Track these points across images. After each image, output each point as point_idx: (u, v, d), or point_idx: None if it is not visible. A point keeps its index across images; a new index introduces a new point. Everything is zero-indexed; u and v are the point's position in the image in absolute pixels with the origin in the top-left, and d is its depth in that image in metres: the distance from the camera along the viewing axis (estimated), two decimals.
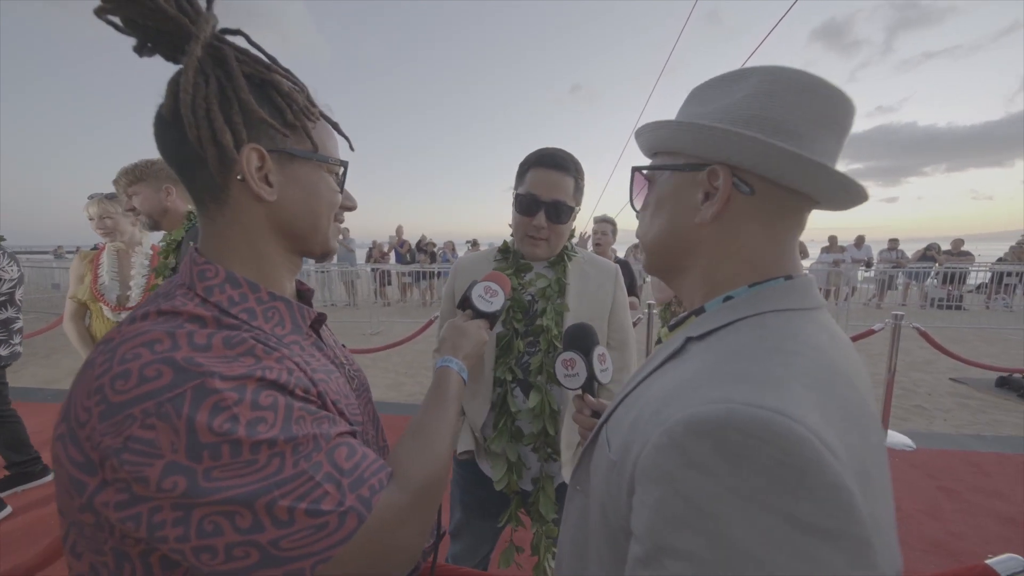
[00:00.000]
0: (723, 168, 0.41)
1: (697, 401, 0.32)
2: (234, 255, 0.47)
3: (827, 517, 0.26)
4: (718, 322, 0.41)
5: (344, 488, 0.39)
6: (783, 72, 0.40)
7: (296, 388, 0.42)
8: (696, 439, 0.30)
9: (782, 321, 0.38)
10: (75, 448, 0.35)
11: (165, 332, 0.38)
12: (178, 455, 0.34)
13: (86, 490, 0.34)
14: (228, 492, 0.34)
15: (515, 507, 1.04)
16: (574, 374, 0.68)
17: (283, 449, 0.37)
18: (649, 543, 0.31)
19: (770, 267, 0.42)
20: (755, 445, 0.28)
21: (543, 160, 0.97)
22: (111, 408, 0.34)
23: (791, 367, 0.33)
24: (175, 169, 0.47)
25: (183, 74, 0.40)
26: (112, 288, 1.80)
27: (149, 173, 1.52)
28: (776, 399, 0.30)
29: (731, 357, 0.36)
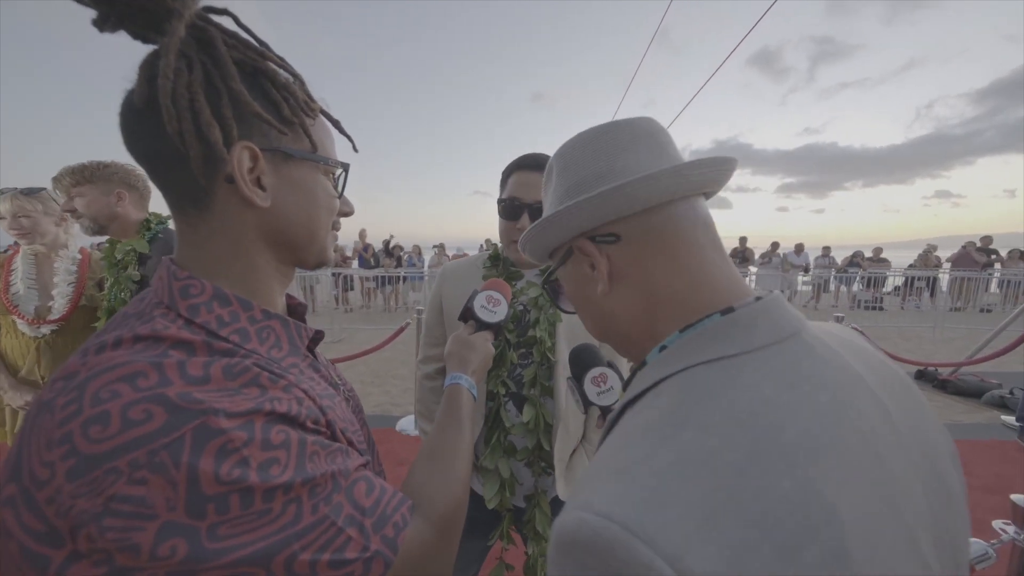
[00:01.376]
0: (581, 239, 0.41)
1: (570, 506, 0.28)
2: (220, 268, 0.41)
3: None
4: (646, 383, 0.36)
5: (367, 530, 0.35)
6: (564, 147, 0.44)
7: (307, 420, 0.37)
8: (554, 548, 0.27)
9: (707, 377, 0.31)
10: (31, 515, 0.28)
11: (149, 363, 0.32)
12: (176, 513, 0.28)
13: (49, 567, 0.27)
14: (240, 552, 0.29)
15: (507, 524, 1.00)
16: (608, 388, 0.65)
17: (299, 493, 0.32)
18: None
19: (698, 301, 0.36)
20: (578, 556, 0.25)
21: (523, 163, 0.96)
22: (85, 462, 0.28)
23: (684, 451, 0.26)
24: (146, 167, 0.40)
25: (163, 57, 0.34)
26: (29, 298, 1.56)
27: (100, 175, 1.37)
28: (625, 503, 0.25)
29: (628, 439, 0.30)
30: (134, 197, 1.42)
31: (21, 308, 1.54)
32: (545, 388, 0.97)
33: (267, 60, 0.41)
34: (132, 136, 0.39)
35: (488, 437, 0.96)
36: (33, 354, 1.56)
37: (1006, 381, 3.80)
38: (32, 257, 1.60)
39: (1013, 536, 0.86)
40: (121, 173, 1.40)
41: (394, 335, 3.47)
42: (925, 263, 9.20)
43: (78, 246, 1.67)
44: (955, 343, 5.89)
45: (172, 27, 0.34)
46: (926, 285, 8.85)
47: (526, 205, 0.94)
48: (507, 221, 0.97)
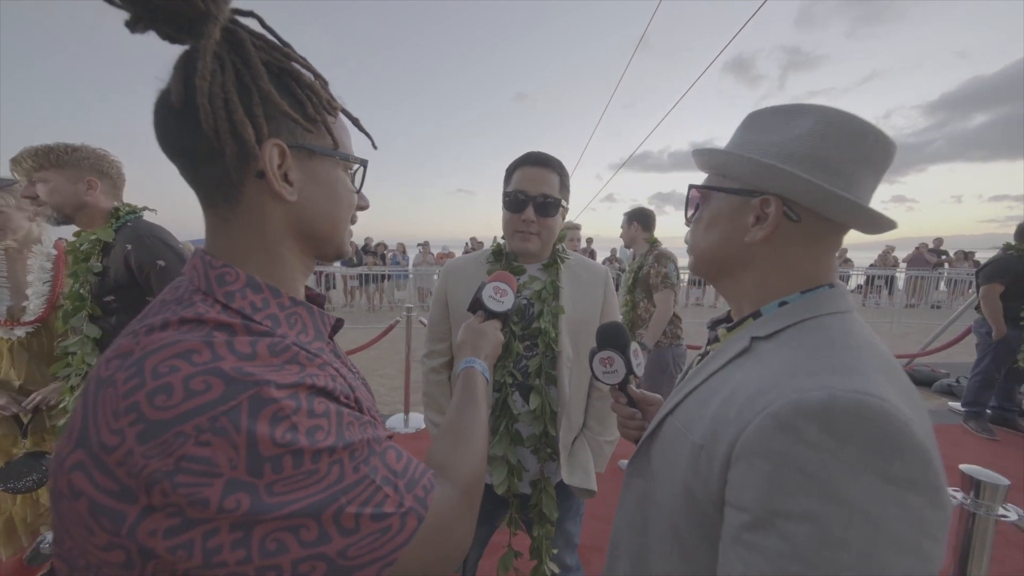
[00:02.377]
0: (775, 199, 0.47)
1: (798, 389, 0.38)
2: (249, 258, 0.43)
3: (912, 471, 0.34)
4: (781, 324, 0.47)
5: (401, 490, 0.38)
6: (837, 116, 0.46)
7: (340, 395, 0.40)
8: (805, 420, 0.36)
9: (837, 322, 0.45)
10: (104, 476, 0.30)
11: (201, 341, 0.35)
12: (238, 471, 0.31)
13: (124, 521, 0.30)
14: (294, 505, 0.32)
15: (515, 510, 1.04)
16: (613, 371, 0.73)
17: (341, 456, 0.36)
18: (759, 509, 0.37)
19: (816, 277, 0.49)
20: (856, 422, 0.35)
21: (528, 159, 1.02)
22: (153, 427, 0.30)
23: (863, 359, 0.40)
24: (180, 163, 0.42)
25: (200, 59, 0.36)
26: (0, 298, 1.48)
27: (68, 160, 1.24)
28: (865, 384, 0.37)
29: (810, 353, 0.42)
30: (106, 185, 1.31)
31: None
32: (550, 377, 1.01)
33: (292, 60, 0.43)
34: (167, 134, 0.40)
35: (496, 426, 1.00)
36: (6, 357, 1.48)
37: (953, 371, 4.13)
38: (2, 254, 1.51)
39: (961, 501, 0.97)
40: (92, 159, 1.27)
41: (384, 333, 3.45)
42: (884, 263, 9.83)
43: (53, 240, 1.58)
44: (910, 337, 6.34)
45: (208, 30, 0.36)
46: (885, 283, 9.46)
47: (530, 197, 0.99)
48: (512, 213, 1.01)
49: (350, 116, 0.50)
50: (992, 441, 2.95)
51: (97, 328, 1.27)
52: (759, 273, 0.51)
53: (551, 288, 1.04)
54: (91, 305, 1.26)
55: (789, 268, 0.49)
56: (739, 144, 0.52)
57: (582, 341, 1.05)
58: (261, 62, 0.39)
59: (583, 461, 1.05)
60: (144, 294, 1.28)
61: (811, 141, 0.46)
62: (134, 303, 1.27)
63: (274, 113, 0.40)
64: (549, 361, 1.01)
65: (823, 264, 0.50)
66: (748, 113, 0.53)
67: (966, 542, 0.97)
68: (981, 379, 3.09)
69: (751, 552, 0.37)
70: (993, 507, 0.95)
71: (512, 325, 1.01)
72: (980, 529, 0.95)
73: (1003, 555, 1.88)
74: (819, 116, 0.46)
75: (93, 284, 1.27)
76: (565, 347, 1.01)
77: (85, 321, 1.26)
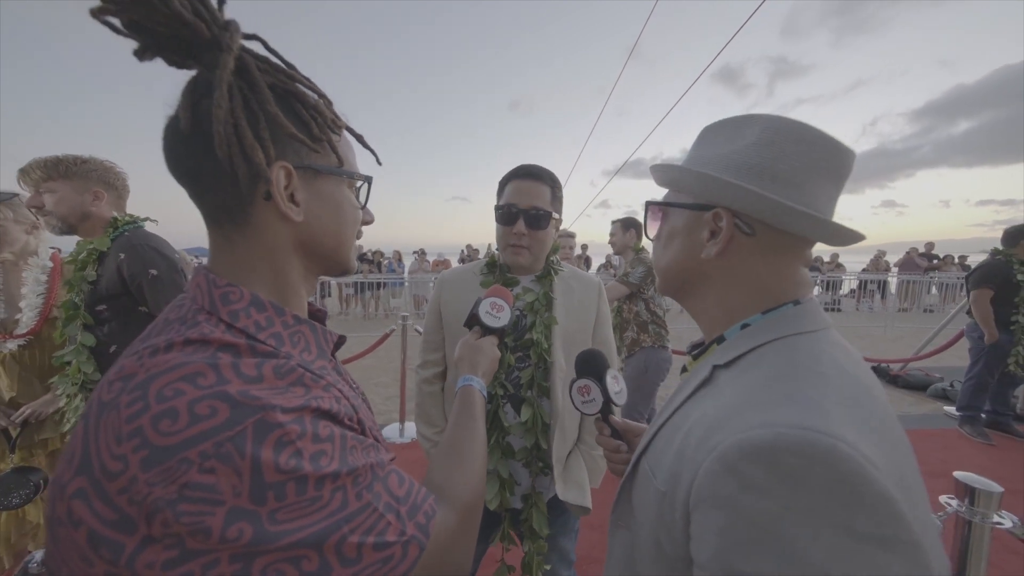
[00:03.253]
0: (726, 212, 0.45)
1: (744, 427, 0.34)
2: (254, 276, 0.43)
3: (880, 526, 0.29)
4: (740, 349, 0.43)
5: (403, 517, 0.38)
6: (783, 123, 0.44)
7: (344, 417, 0.40)
8: (749, 463, 0.32)
9: (803, 344, 0.41)
10: (104, 505, 0.30)
11: (206, 364, 0.34)
12: (241, 499, 0.31)
13: (122, 552, 0.29)
14: (296, 535, 0.32)
15: (507, 525, 1.03)
16: (591, 399, 0.70)
17: (345, 482, 0.35)
18: (716, 569, 0.32)
19: (778, 295, 0.46)
20: (805, 465, 0.30)
21: (519, 172, 1.03)
22: (158, 453, 0.30)
23: (821, 388, 0.36)
24: (189, 185, 0.42)
25: (216, 89, 0.37)
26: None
27: (77, 171, 1.26)
28: (817, 420, 0.32)
29: (765, 383, 0.38)
30: (111, 196, 1.33)
31: None
32: (542, 389, 1.01)
33: (295, 81, 0.43)
34: (177, 158, 0.41)
35: (487, 439, 0.99)
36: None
37: (947, 375, 4.16)
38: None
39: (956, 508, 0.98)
40: (100, 170, 1.31)
41: (379, 342, 3.43)
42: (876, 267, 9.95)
43: (50, 253, 1.58)
44: (903, 341, 6.39)
45: (222, 60, 0.37)
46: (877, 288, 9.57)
47: (522, 210, 1.00)
48: (504, 226, 1.02)
49: (354, 133, 0.50)
50: (987, 445, 2.95)
51: (92, 337, 1.26)
52: (719, 291, 0.48)
53: (544, 299, 1.04)
54: (84, 314, 1.26)
55: (748, 284, 0.46)
56: (692, 158, 0.50)
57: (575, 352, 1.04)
58: (267, 85, 0.40)
59: (578, 477, 1.04)
60: (136, 304, 1.27)
61: (757, 151, 0.44)
62: (126, 313, 1.27)
63: (280, 135, 0.41)
64: (541, 372, 1.01)
65: (786, 279, 0.46)
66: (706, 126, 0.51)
67: (963, 550, 0.97)
68: (975, 383, 3.11)
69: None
70: (988, 515, 0.95)
71: (504, 337, 1.01)
72: (976, 537, 0.96)
73: (1001, 561, 1.88)
74: (766, 125, 0.44)
75: (86, 293, 1.27)
76: (558, 358, 1.01)
77: (80, 330, 1.26)
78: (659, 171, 0.54)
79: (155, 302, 1.26)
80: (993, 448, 2.93)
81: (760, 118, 0.45)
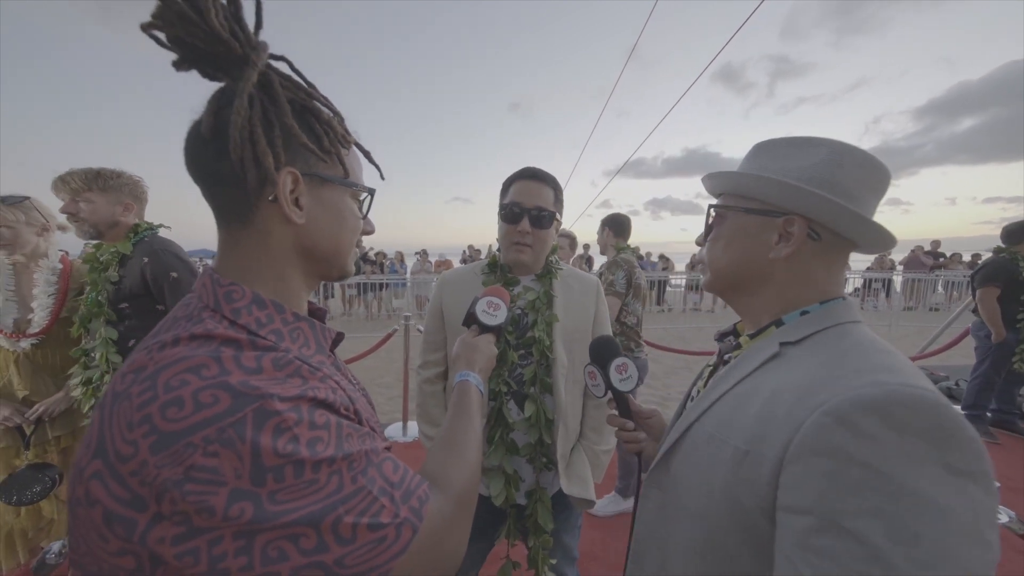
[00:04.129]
0: (800, 218, 0.51)
1: (851, 386, 0.40)
2: (256, 276, 0.46)
3: (969, 461, 0.36)
4: (807, 331, 0.50)
5: (397, 500, 0.40)
6: (847, 147, 0.52)
7: (340, 407, 0.42)
8: (864, 414, 0.38)
9: (857, 330, 0.49)
10: (118, 485, 0.32)
11: (209, 356, 0.37)
12: (242, 481, 0.33)
13: (135, 528, 0.31)
14: (294, 514, 0.34)
15: (512, 521, 1.05)
16: (597, 384, 0.77)
17: (340, 466, 0.37)
18: (824, 509, 0.37)
19: (831, 290, 0.53)
20: (912, 415, 0.37)
21: (524, 173, 1.06)
22: (165, 438, 0.32)
23: (900, 360, 0.43)
24: (203, 185, 0.46)
25: (237, 98, 0.40)
26: (7, 310, 1.50)
27: (113, 184, 1.39)
28: (917, 380, 0.39)
29: (848, 355, 0.45)
30: (139, 208, 1.46)
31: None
32: (545, 385, 1.03)
33: (313, 99, 0.47)
34: (196, 159, 0.44)
35: (491, 435, 1.01)
36: (12, 368, 1.50)
37: (952, 374, 4.13)
38: (10, 268, 1.54)
39: None
40: (131, 184, 1.43)
41: (382, 341, 3.46)
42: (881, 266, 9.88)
43: (59, 255, 1.62)
44: (908, 339, 6.35)
45: (246, 74, 0.40)
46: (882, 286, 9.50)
47: (526, 210, 1.02)
48: (509, 225, 1.05)
49: (362, 149, 0.54)
50: (993, 444, 2.94)
51: (115, 331, 1.39)
52: (779, 288, 0.54)
53: (545, 298, 1.06)
54: (107, 311, 1.38)
55: (808, 282, 0.53)
56: (757, 169, 0.56)
57: (576, 349, 1.07)
58: (286, 100, 0.44)
59: (581, 472, 1.06)
60: (155, 303, 1.40)
61: (829, 168, 0.51)
62: (146, 310, 1.40)
63: (293, 144, 0.44)
64: (544, 369, 1.03)
65: (836, 279, 0.54)
66: (756, 143, 0.58)
67: None
68: (981, 382, 3.09)
69: (821, 558, 0.36)
70: None
71: (507, 335, 1.03)
72: None
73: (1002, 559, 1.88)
74: (832, 147, 0.52)
75: (110, 292, 1.38)
76: (560, 355, 1.03)
77: (103, 325, 1.38)
78: (723, 178, 0.58)
79: (173, 302, 1.38)
80: (998, 447, 2.92)
81: (824, 140, 0.53)
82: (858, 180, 0.51)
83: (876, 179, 0.52)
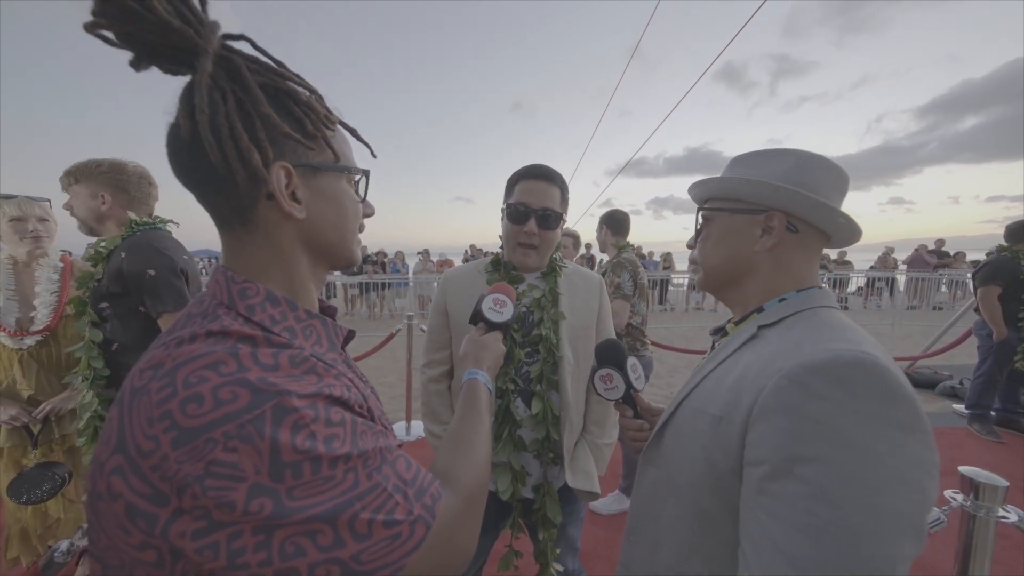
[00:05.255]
0: (779, 214, 0.58)
1: (804, 353, 0.45)
2: (266, 274, 0.45)
3: (908, 417, 0.40)
4: (782, 313, 0.56)
5: (411, 498, 0.40)
6: (812, 155, 0.59)
7: (355, 404, 0.42)
8: (812, 376, 0.43)
9: (828, 313, 0.54)
10: (139, 480, 0.32)
11: (227, 353, 0.36)
12: (261, 476, 0.33)
13: (156, 522, 0.32)
14: (312, 510, 0.34)
15: (517, 514, 1.05)
16: (613, 387, 0.78)
17: (356, 463, 0.37)
18: (777, 458, 0.42)
19: (807, 280, 0.60)
20: (857, 375, 0.41)
21: (531, 172, 1.03)
22: (185, 433, 0.32)
23: (859, 334, 0.49)
24: (196, 191, 0.43)
25: (196, 92, 0.36)
26: (9, 309, 1.51)
27: (88, 175, 1.29)
28: (864, 346, 0.44)
29: (812, 331, 0.50)
30: (121, 199, 1.32)
31: (1, 320, 1.49)
32: (551, 382, 1.03)
33: (286, 80, 0.43)
34: (180, 164, 0.42)
35: (499, 432, 1.01)
36: (16, 367, 1.51)
37: (956, 373, 4.12)
38: (10, 267, 1.55)
39: (961, 503, 0.98)
40: (110, 173, 1.31)
41: (384, 341, 3.46)
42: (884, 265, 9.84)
43: (59, 253, 1.63)
44: (912, 339, 6.32)
45: (200, 64, 0.36)
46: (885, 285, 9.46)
47: (533, 210, 1.00)
48: (514, 225, 1.03)
49: (348, 127, 0.50)
50: (997, 443, 2.93)
51: (100, 333, 1.28)
52: (763, 278, 0.61)
53: (550, 295, 1.06)
54: (90, 311, 1.28)
55: (787, 272, 0.59)
56: (739, 175, 0.62)
57: (580, 347, 1.07)
58: (258, 85, 0.40)
59: (585, 465, 1.07)
60: (137, 304, 1.25)
61: (799, 172, 0.58)
62: (126, 312, 1.26)
63: (276, 135, 0.41)
64: (551, 367, 1.03)
65: (812, 269, 0.60)
66: (733, 156, 0.66)
67: (967, 544, 0.97)
68: (984, 381, 3.08)
69: (773, 500, 0.41)
70: (993, 508, 0.95)
71: (513, 332, 1.03)
72: (981, 531, 0.96)
73: (1006, 557, 1.87)
74: (799, 154, 0.59)
75: (91, 289, 1.29)
76: (566, 352, 1.03)
77: (88, 327, 1.29)
78: (710, 184, 0.64)
79: (151, 303, 1.23)
80: (1002, 446, 2.91)
81: (793, 150, 0.60)
82: (823, 181, 0.58)
83: (838, 180, 0.59)
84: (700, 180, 0.65)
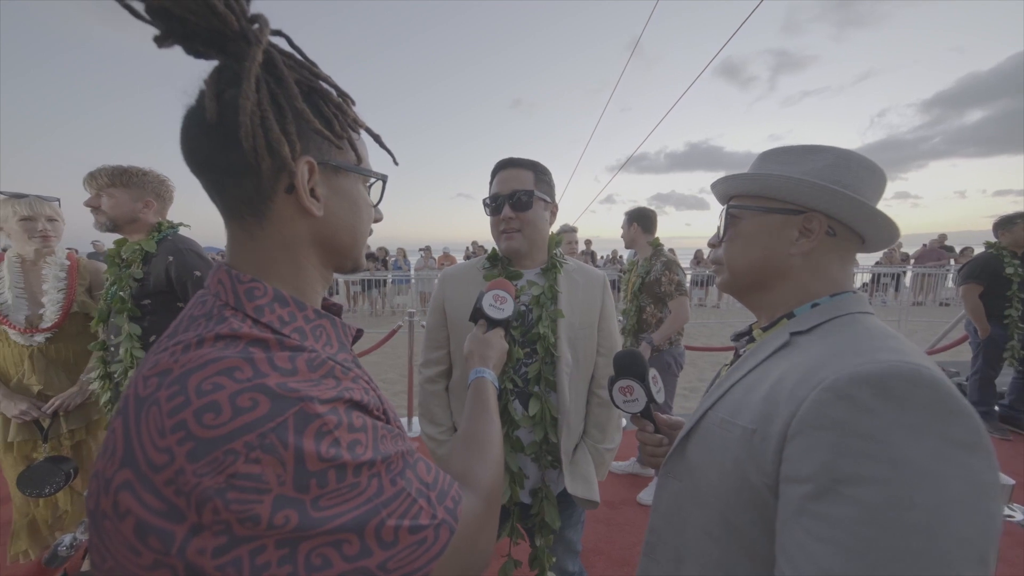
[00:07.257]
0: (820, 215, 0.54)
1: (849, 364, 0.41)
2: (274, 272, 0.43)
3: (969, 434, 0.37)
4: (816, 320, 0.52)
5: (433, 502, 0.39)
6: (851, 153, 0.55)
7: (373, 408, 0.41)
8: (862, 388, 0.39)
9: (866, 319, 0.51)
10: (151, 495, 0.30)
11: (240, 358, 0.35)
12: (286, 487, 0.31)
13: (172, 540, 0.29)
14: (338, 520, 0.32)
15: (515, 519, 1.04)
16: (633, 399, 0.73)
17: (379, 469, 0.36)
18: (822, 477, 0.38)
19: (842, 284, 0.56)
20: (911, 389, 0.38)
21: (499, 164, 1.07)
22: (203, 445, 0.30)
23: (904, 343, 0.45)
24: (206, 176, 0.42)
25: (245, 80, 0.36)
26: (18, 307, 1.53)
27: (136, 181, 1.42)
28: (916, 358, 0.41)
29: (853, 339, 0.46)
30: (160, 206, 1.48)
31: (11, 318, 1.51)
32: (549, 383, 1.01)
33: (319, 79, 0.43)
34: (197, 148, 0.40)
35: None
36: (27, 363, 1.53)
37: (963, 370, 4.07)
38: (18, 265, 1.56)
39: None
40: (155, 183, 1.46)
41: (386, 338, 3.47)
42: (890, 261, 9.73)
43: (65, 251, 1.65)
44: (918, 335, 6.27)
45: (251, 53, 0.36)
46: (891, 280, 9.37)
47: (505, 196, 1.02)
48: (493, 216, 1.05)
49: (372, 133, 0.50)
50: (1003, 440, 2.91)
51: (138, 327, 1.42)
52: (795, 282, 0.57)
53: (549, 293, 1.04)
54: (131, 307, 1.40)
55: (822, 276, 0.55)
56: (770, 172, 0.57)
57: (581, 347, 1.05)
58: (293, 81, 0.40)
59: (585, 471, 1.05)
60: (177, 300, 1.43)
61: (838, 170, 0.54)
62: (167, 307, 1.45)
63: (306, 130, 0.41)
64: (549, 367, 1.02)
65: (847, 273, 0.57)
66: (762, 152, 0.61)
67: None
68: (979, 379, 3.07)
69: (818, 521, 0.38)
70: None
71: (512, 331, 1.01)
72: None
73: (1011, 556, 1.86)
74: (837, 152, 0.55)
75: (133, 288, 1.40)
76: (564, 353, 1.02)
77: (126, 321, 1.40)
78: (739, 179, 0.59)
79: None
80: (1008, 443, 2.88)
81: (829, 147, 0.56)
82: (863, 181, 0.54)
83: (878, 180, 0.55)
84: (728, 175, 0.60)
